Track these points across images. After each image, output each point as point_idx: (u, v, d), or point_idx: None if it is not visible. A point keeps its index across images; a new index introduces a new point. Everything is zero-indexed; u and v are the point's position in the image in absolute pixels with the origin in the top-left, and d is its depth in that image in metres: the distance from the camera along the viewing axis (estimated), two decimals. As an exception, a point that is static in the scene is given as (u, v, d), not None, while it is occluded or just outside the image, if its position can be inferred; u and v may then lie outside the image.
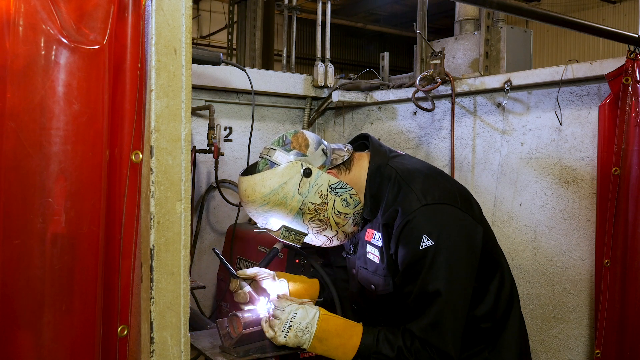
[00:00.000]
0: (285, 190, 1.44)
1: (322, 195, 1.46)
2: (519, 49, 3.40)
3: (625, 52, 2.18)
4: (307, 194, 1.46)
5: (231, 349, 1.62)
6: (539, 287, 2.67)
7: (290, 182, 1.45)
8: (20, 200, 1.05)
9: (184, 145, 1.18)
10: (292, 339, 1.40)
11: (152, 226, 1.13)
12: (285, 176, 1.44)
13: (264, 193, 1.44)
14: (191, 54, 1.19)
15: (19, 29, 1.04)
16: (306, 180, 1.46)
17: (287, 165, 1.46)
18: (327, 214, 1.47)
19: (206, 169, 3.22)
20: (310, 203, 1.46)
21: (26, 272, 1.05)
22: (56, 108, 1.06)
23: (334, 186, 1.48)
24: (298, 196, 1.45)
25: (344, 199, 1.48)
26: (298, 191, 1.45)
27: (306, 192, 1.46)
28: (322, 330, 1.40)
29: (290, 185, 1.44)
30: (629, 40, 2.15)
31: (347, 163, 1.57)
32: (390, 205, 1.46)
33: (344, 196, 1.49)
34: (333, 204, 1.48)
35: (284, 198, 1.44)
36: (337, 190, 1.48)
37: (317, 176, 1.47)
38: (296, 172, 1.45)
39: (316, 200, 1.46)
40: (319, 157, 1.51)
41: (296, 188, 1.45)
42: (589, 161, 2.48)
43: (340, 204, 1.48)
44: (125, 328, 1.15)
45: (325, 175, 1.49)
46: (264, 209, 1.46)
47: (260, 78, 3.28)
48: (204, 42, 11.88)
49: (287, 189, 1.44)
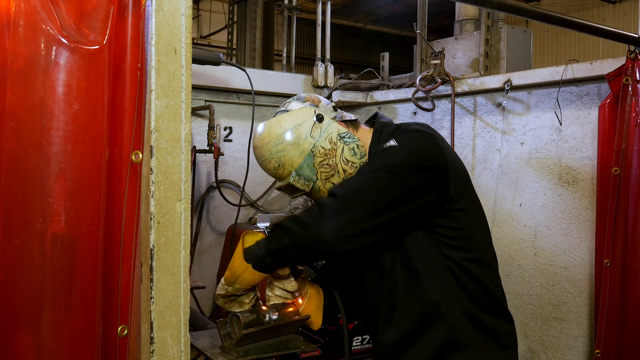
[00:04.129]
0: (298, 131, 1.54)
1: (331, 141, 1.56)
2: (519, 49, 3.40)
3: (625, 52, 2.18)
4: (318, 138, 1.55)
5: (231, 349, 1.62)
6: (539, 287, 2.67)
7: (304, 124, 1.55)
8: (20, 200, 1.05)
9: (184, 145, 1.18)
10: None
11: (152, 226, 1.13)
12: (299, 118, 1.56)
13: (279, 133, 1.55)
14: (191, 54, 1.19)
15: (19, 29, 1.04)
16: (318, 125, 1.56)
17: (301, 108, 1.58)
18: (336, 159, 1.56)
19: (206, 169, 3.22)
20: (321, 147, 1.55)
21: (26, 272, 1.05)
22: (56, 108, 1.06)
23: (343, 135, 1.58)
24: (310, 139, 1.55)
25: (352, 148, 1.58)
26: (310, 134, 1.55)
27: (317, 136, 1.55)
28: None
29: (303, 128, 1.55)
30: (629, 40, 2.15)
31: (355, 123, 1.69)
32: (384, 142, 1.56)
33: (351, 145, 1.58)
34: (342, 151, 1.57)
35: (297, 138, 1.54)
36: (345, 139, 1.58)
37: (328, 123, 1.58)
38: (309, 116, 1.56)
39: (326, 145, 1.55)
40: (330, 110, 1.63)
41: (309, 131, 1.55)
42: (589, 161, 2.48)
43: (348, 152, 1.57)
44: (125, 328, 1.15)
45: (336, 124, 1.60)
46: (277, 149, 1.55)
47: (260, 78, 3.28)
48: (204, 42, 11.88)
49: (301, 130, 1.55)
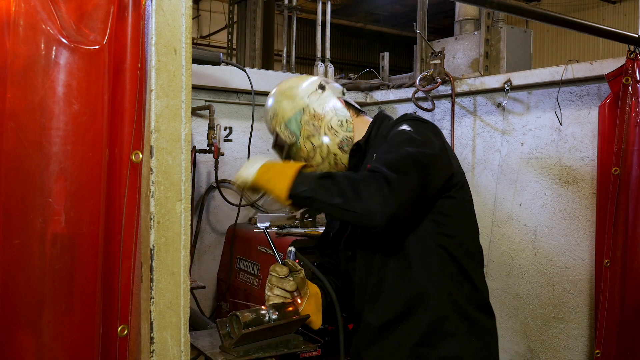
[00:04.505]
0: (298, 91, 1.73)
1: (324, 108, 1.71)
2: (519, 49, 3.40)
3: (625, 52, 2.18)
4: (313, 102, 1.71)
5: (231, 349, 1.62)
6: (539, 287, 2.67)
7: (305, 88, 1.74)
8: (20, 200, 1.05)
9: (184, 145, 1.18)
10: (239, 180, 1.56)
11: (152, 226, 1.13)
12: (304, 83, 1.76)
13: (283, 88, 1.76)
14: (191, 54, 1.19)
15: (19, 29, 1.04)
16: (318, 92, 1.73)
17: (310, 77, 1.80)
18: (322, 124, 1.70)
19: (206, 169, 3.22)
20: (313, 109, 1.70)
21: (26, 272, 1.05)
22: (56, 108, 1.06)
23: (337, 109, 1.72)
24: (306, 99, 1.71)
25: (341, 120, 1.72)
26: (307, 96, 1.72)
27: (314, 100, 1.71)
28: (265, 167, 1.57)
29: (303, 90, 1.73)
30: (629, 40, 2.15)
31: (357, 110, 1.80)
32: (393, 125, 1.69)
33: (342, 119, 1.72)
34: (330, 120, 1.71)
35: (294, 95, 1.72)
36: (338, 112, 1.71)
37: (327, 95, 1.74)
38: (314, 84, 1.75)
39: (318, 110, 1.71)
40: (337, 90, 1.78)
41: (307, 94, 1.72)
42: (589, 161, 2.48)
43: (336, 122, 1.71)
44: (125, 328, 1.15)
45: (335, 99, 1.74)
46: (276, 101, 1.74)
47: (260, 78, 3.27)
48: (204, 42, 11.87)
49: (300, 90, 1.73)
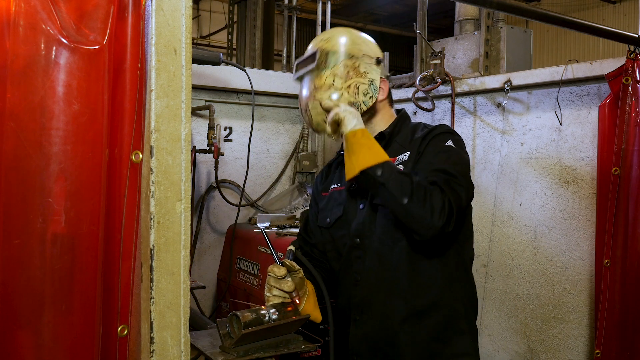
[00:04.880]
0: (362, 44, 1.83)
1: (366, 73, 1.80)
2: (519, 49, 3.40)
3: (625, 52, 2.18)
4: (363, 61, 1.80)
5: (231, 349, 1.62)
6: (539, 287, 2.67)
7: (369, 49, 1.83)
8: (20, 200, 1.05)
9: (184, 145, 1.18)
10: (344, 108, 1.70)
11: (152, 226, 1.13)
12: (372, 45, 1.86)
13: (357, 34, 1.85)
14: (191, 54, 1.19)
15: (19, 29, 1.04)
16: (373, 60, 1.82)
17: (378, 49, 1.89)
18: (353, 79, 1.79)
19: (206, 169, 3.22)
20: (358, 64, 1.79)
21: (26, 272, 1.05)
22: (56, 108, 1.06)
23: (374, 83, 1.81)
24: (361, 54, 1.81)
25: (368, 92, 1.80)
26: (363, 54, 1.81)
27: (365, 61, 1.80)
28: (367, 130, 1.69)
29: (367, 48, 1.83)
30: (629, 40, 2.15)
31: (390, 100, 1.91)
32: (426, 129, 1.80)
33: (370, 92, 1.80)
34: (361, 82, 1.79)
35: (358, 43, 1.82)
36: (372, 84, 1.80)
37: (376, 69, 1.83)
38: (376, 54, 1.85)
39: (361, 68, 1.79)
40: (385, 72, 1.88)
41: (365, 52, 1.82)
42: (589, 161, 2.48)
43: (363, 89, 1.80)
44: (125, 328, 1.15)
45: (379, 77, 1.83)
46: (343, 34, 1.83)
47: (260, 78, 3.28)
48: (204, 42, 11.87)
49: (365, 46, 1.83)
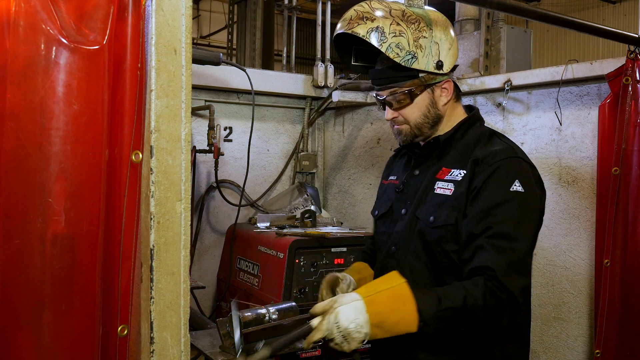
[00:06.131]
0: (429, 38, 1.63)
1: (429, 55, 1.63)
2: (519, 49, 3.40)
3: (625, 52, 2.18)
4: (424, 50, 1.62)
5: (231, 348, 1.63)
6: (539, 287, 2.67)
7: (435, 47, 1.65)
8: (20, 200, 1.05)
9: (184, 145, 1.18)
10: (354, 343, 1.39)
11: (152, 226, 1.13)
12: (442, 39, 1.66)
13: (420, 15, 1.63)
14: (191, 54, 1.19)
15: (19, 29, 1.04)
16: (433, 63, 1.63)
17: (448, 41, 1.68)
18: (411, 43, 1.60)
19: (206, 169, 3.22)
20: (415, 47, 1.61)
21: (26, 272, 1.05)
22: (56, 108, 1.06)
23: (447, 94, 1.67)
24: (426, 47, 1.63)
25: (438, 102, 1.66)
26: (430, 45, 1.63)
27: (425, 49, 1.62)
28: (374, 314, 1.38)
29: (429, 46, 1.63)
30: (629, 40, 2.15)
31: (457, 93, 1.75)
32: (490, 147, 1.63)
33: (442, 100, 1.66)
34: (436, 91, 1.65)
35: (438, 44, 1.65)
36: (443, 96, 1.66)
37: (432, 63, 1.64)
38: (440, 51, 1.66)
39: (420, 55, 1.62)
40: (453, 59, 1.70)
41: (427, 48, 1.63)
42: (589, 161, 2.48)
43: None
44: (125, 328, 1.15)
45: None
46: (408, 19, 1.62)
47: (260, 78, 3.28)
48: (204, 42, 11.88)
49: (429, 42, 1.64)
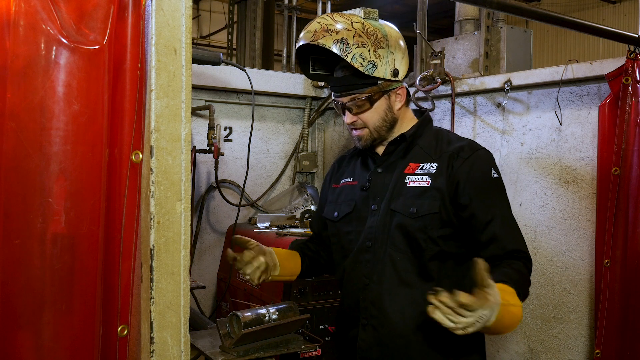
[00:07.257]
0: (386, 43, 1.75)
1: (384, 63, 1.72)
2: (519, 49, 3.40)
3: (625, 52, 2.18)
4: (381, 59, 1.71)
5: (231, 348, 1.63)
6: (539, 287, 2.67)
7: (392, 55, 1.75)
8: (20, 200, 1.05)
9: (184, 145, 1.18)
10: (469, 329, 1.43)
11: (152, 226, 1.13)
12: (396, 49, 1.78)
13: (377, 27, 1.77)
14: (191, 54, 1.19)
15: (19, 29, 1.04)
16: (388, 68, 1.72)
17: (403, 50, 1.82)
18: (372, 53, 1.70)
19: (206, 169, 3.22)
20: (377, 54, 1.71)
21: (26, 272, 1.05)
22: (56, 108, 1.06)
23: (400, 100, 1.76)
24: (383, 56, 1.72)
25: (392, 106, 1.75)
26: (388, 54, 1.74)
27: (383, 59, 1.71)
28: (498, 322, 1.43)
29: (385, 53, 1.73)
30: (629, 40, 2.15)
31: (408, 99, 1.84)
32: (455, 142, 1.76)
33: (397, 104, 1.76)
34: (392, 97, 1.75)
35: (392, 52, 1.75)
36: (397, 102, 1.75)
37: (390, 71, 1.73)
38: (397, 58, 1.76)
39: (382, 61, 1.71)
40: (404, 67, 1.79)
41: (383, 56, 1.73)
42: (589, 161, 2.48)
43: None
44: (125, 328, 1.15)
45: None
46: (363, 32, 1.72)
47: (260, 78, 3.28)
48: (204, 42, 11.86)
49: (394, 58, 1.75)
